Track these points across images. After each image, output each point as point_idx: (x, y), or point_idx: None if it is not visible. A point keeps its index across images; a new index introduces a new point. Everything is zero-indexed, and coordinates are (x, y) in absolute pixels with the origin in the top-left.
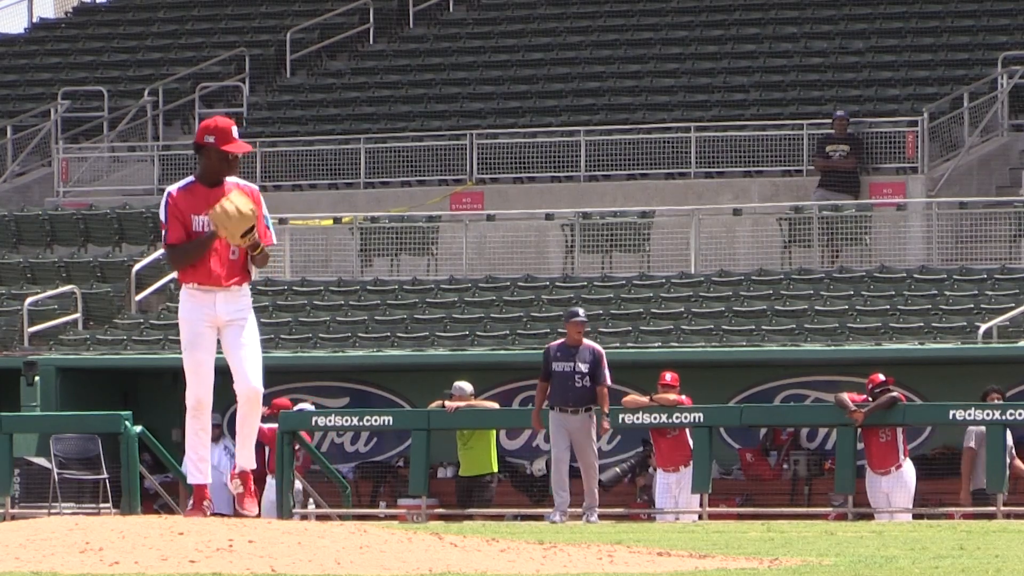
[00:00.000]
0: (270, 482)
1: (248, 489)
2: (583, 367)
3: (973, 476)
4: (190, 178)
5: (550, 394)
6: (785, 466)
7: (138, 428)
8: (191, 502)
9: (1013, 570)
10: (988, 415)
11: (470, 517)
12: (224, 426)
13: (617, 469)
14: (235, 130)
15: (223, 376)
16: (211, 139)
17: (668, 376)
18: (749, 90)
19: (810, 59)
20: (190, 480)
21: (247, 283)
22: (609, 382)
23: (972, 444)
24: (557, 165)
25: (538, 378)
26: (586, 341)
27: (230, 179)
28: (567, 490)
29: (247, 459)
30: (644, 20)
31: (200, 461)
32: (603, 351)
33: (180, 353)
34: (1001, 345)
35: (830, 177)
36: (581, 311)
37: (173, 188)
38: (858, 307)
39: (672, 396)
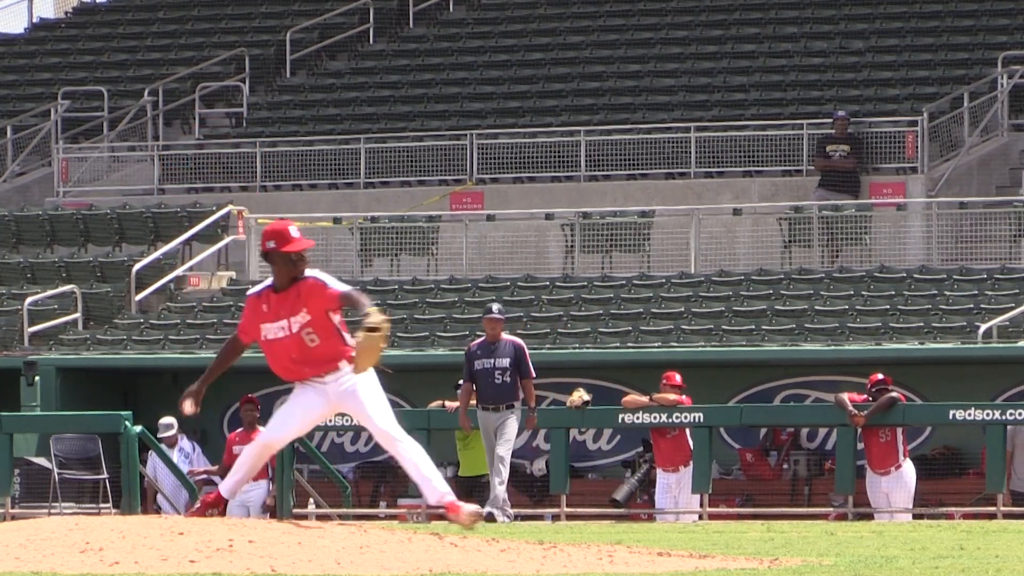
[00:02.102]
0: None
1: (202, 508)
2: (503, 362)
3: (1012, 476)
4: (267, 282)
5: (476, 393)
6: (785, 466)
7: (138, 428)
8: (198, 502)
9: (1013, 570)
10: (988, 415)
11: None
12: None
13: (627, 487)
14: (294, 229)
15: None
16: (272, 244)
17: (678, 377)
18: (749, 90)
19: (810, 59)
20: (220, 487)
21: (343, 362)
22: (534, 375)
23: (1008, 446)
24: (557, 165)
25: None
26: (506, 336)
27: (309, 272)
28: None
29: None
30: (644, 20)
31: (241, 482)
32: (524, 344)
33: (180, 353)
34: (1001, 345)
35: (830, 177)
36: (496, 307)
37: (251, 291)
38: (858, 307)
39: (672, 396)
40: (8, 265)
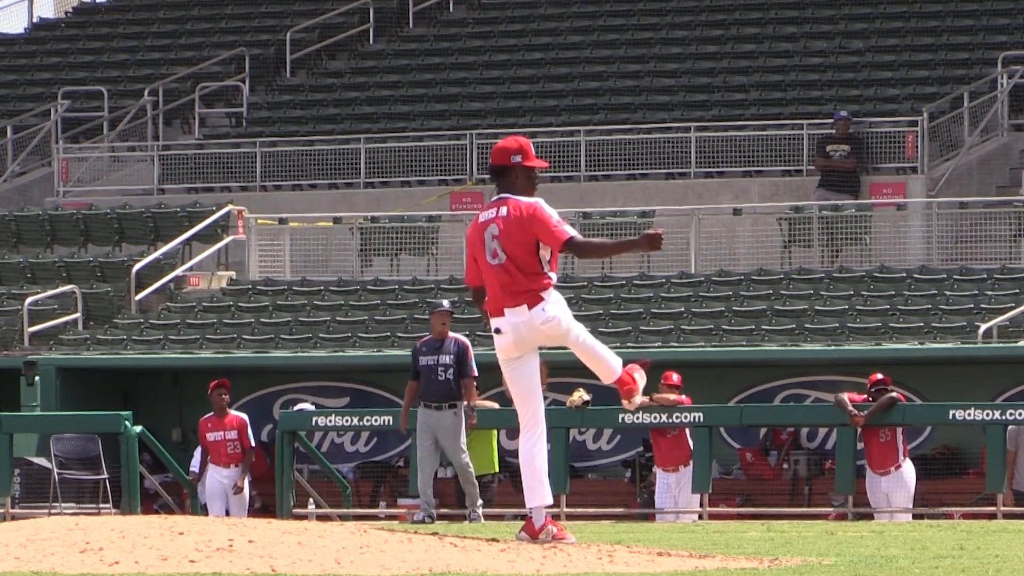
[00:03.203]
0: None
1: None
2: (447, 359)
3: (1016, 476)
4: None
5: (419, 390)
6: (785, 466)
7: (138, 428)
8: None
9: (1013, 570)
10: (988, 415)
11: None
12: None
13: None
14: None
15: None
16: (518, 158)
17: (675, 376)
18: (749, 90)
19: (810, 59)
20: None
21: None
22: (475, 374)
23: (1009, 446)
24: (557, 165)
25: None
26: (452, 334)
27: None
28: (431, 489)
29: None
30: (644, 20)
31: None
32: (469, 343)
33: (180, 353)
34: (1001, 345)
35: (830, 177)
36: (445, 302)
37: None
38: (858, 307)
39: (672, 396)
40: (8, 265)
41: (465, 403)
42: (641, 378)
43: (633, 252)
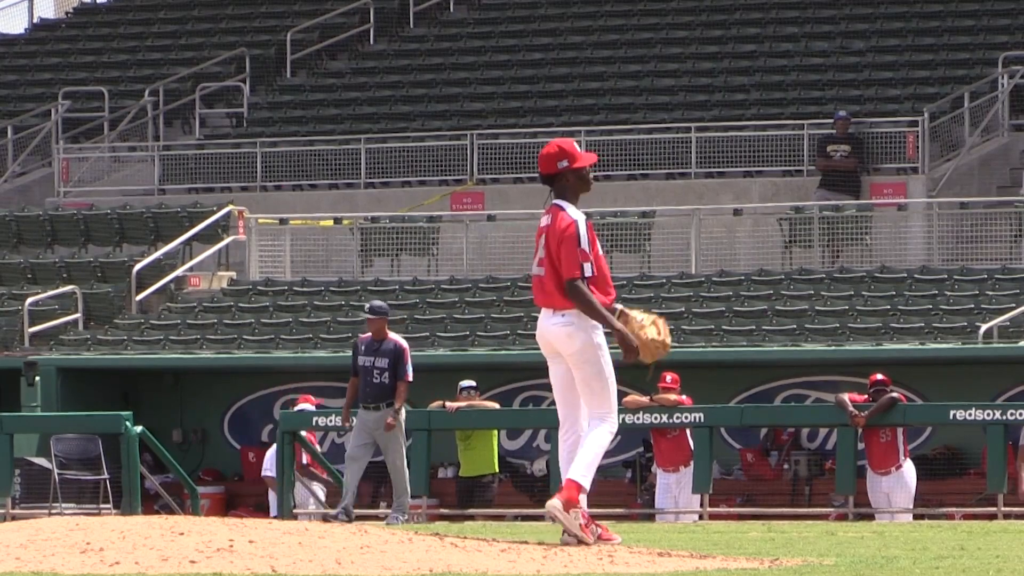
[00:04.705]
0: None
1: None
2: (383, 362)
3: None
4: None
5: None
6: (786, 466)
7: (138, 428)
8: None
9: (1014, 570)
10: (988, 415)
11: (471, 517)
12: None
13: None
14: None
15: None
16: (564, 163)
17: (668, 378)
18: (749, 90)
19: (810, 59)
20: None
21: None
22: (410, 378)
23: None
24: None
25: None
26: (392, 335)
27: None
28: (355, 488)
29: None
30: (644, 20)
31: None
32: (407, 346)
33: (180, 353)
34: (1001, 345)
35: (831, 177)
36: (382, 304)
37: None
38: (858, 307)
39: (672, 396)
40: (8, 265)
41: (396, 405)
42: (579, 526)
43: (605, 327)
